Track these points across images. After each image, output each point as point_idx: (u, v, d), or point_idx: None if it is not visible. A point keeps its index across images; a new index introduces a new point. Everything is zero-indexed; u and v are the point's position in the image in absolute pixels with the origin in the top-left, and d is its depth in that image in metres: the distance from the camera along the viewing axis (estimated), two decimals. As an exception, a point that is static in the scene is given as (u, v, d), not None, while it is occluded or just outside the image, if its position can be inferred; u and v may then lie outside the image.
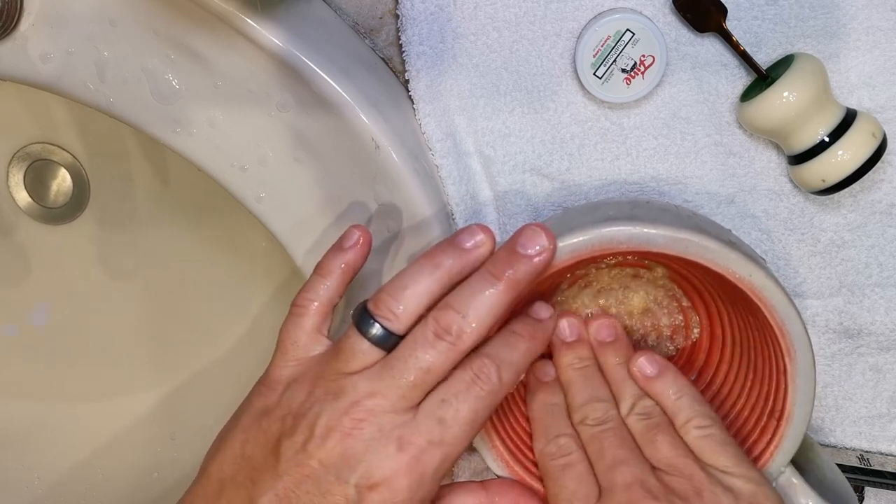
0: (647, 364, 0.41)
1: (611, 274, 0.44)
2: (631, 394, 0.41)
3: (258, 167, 0.44)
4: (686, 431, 0.40)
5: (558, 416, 0.42)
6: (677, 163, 0.45)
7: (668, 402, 0.40)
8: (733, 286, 0.38)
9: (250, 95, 0.42)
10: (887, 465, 0.49)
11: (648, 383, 0.41)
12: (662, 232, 0.37)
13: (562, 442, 0.40)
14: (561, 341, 0.43)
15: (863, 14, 0.42)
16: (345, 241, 0.39)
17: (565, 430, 0.41)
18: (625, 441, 0.40)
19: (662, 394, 0.41)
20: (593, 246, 0.38)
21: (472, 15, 0.43)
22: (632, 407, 0.41)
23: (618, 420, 0.41)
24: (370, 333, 0.35)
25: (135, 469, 0.64)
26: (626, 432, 0.40)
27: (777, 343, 0.39)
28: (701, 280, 0.42)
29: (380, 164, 0.42)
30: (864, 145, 0.40)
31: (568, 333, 0.43)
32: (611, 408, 0.41)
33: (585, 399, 0.41)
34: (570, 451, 0.40)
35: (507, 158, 0.45)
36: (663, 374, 0.41)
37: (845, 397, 0.49)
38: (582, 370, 0.42)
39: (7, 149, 0.61)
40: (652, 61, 0.42)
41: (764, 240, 0.46)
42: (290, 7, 0.42)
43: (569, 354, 0.43)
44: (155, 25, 0.41)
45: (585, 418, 0.41)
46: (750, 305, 0.39)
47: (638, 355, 0.42)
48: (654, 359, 0.41)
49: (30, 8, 0.42)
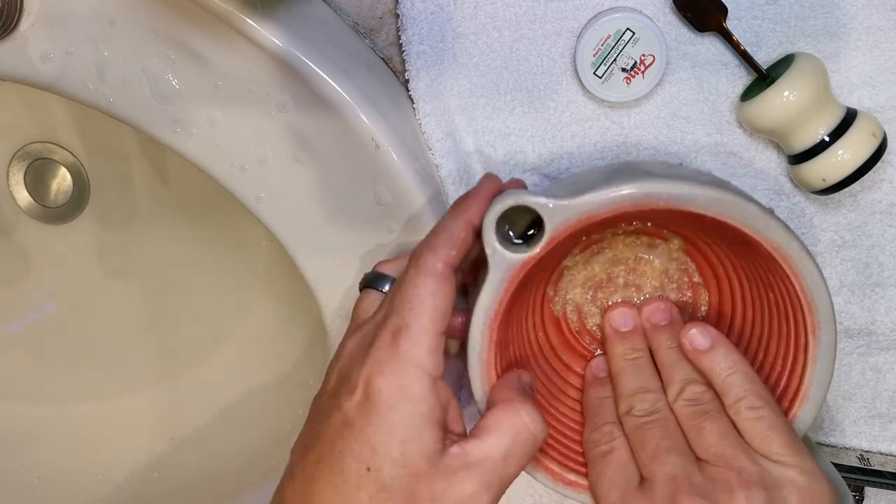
0: (699, 335, 0.40)
1: (625, 242, 0.43)
2: (681, 378, 0.40)
3: (258, 167, 0.44)
4: (736, 412, 0.38)
5: (606, 406, 0.41)
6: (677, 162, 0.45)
7: (719, 378, 0.39)
8: (761, 256, 0.37)
9: (250, 95, 0.42)
10: (887, 465, 0.49)
11: (699, 357, 0.39)
12: (704, 191, 0.36)
13: (605, 430, 0.40)
14: (614, 331, 0.43)
15: (863, 14, 0.42)
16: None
17: (610, 418, 0.40)
18: (669, 432, 0.38)
19: (714, 369, 0.39)
20: (632, 201, 0.36)
21: (473, 14, 0.43)
22: (680, 391, 0.39)
23: (665, 411, 0.39)
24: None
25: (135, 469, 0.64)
26: (672, 423, 0.39)
27: (802, 319, 0.38)
28: (718, 253, 0.41)
29: (380, 164, 0.42)
30: (865, 145, 0.40)
31: (622, 323, 0.43)
32: (659, 399, 0.40)
33: (633, 389, 0.40)
34: (613, 439, 0.39)
35: (508, 158, 0.45)
36: (715, 347, 0.39)
37: (845, 397, 0.49)
38: (633, 361, 0.42)
39: (7, 148, 0.61)
40: (652, 60, 0.42)
41: (764, 239, 0.46)
42: (290, 7, 0.42)
43: (622, 344, 0.42)
44: (155, 25, 0.41)
45: (632, 409, 0.40)
46: (775, 278, 0.38)
47: (690, 326, 0.40)
48: (706, 330, 0.40)
49: (30, 8, 0.42)
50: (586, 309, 0.44)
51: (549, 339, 0.44)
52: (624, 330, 0.43)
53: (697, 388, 0.39)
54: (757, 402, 0.37)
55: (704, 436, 0.37)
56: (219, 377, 0.64)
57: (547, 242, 0.37)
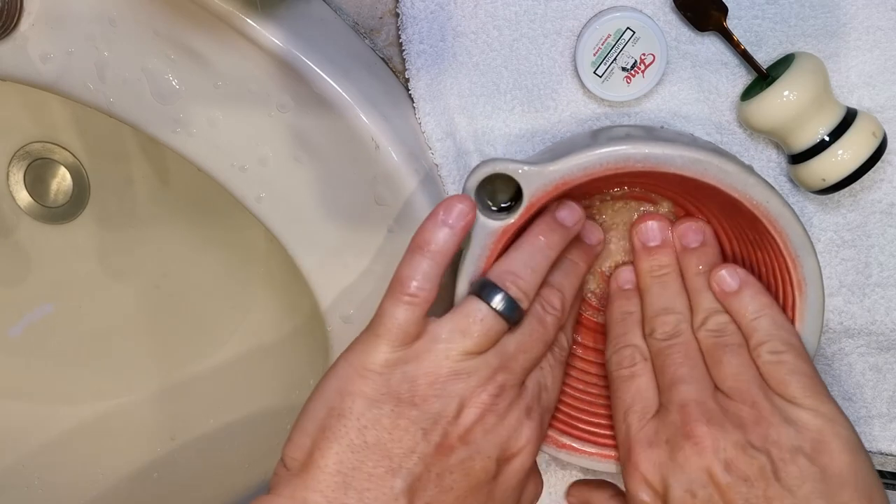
0: (728, 276, 0.39)
1: (615, 207, 0.43)
2: (706, 307, 0.39)
3: (258, 167, 0.44)
4: (758, 354, 0.37)
5: (630, 324, 0.41)
6: (677, 162, 0.45)
7: (745, 321, 0.38)
8: (745, 215, 0.37)
9: (250, 95, 0.42)
10: (887, 465, 0.49)
11: (727, 298, 0.39)
12: (680, 152, 0.36)
13: (626, 353, 0.40)
14: (643, 245, 0.41)
15: (863, 13, 0.42)
16: (448, 215, 0.37)
17: (633, 340, 0.40)
18: (690, 358, 0.38)
19: (740, 311, 0.38)
20: (608, 163, 0.36)
21: (473, 13, 0.43)
22: (704, 321, 0.39)
23: (688, 335, 0.39)
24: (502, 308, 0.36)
25: (135, 469, 0.64)
26: (693, 349, 0.38)
27: (788, 276, 0.38)
28: (707, 215, 0.42)
29: (380, 164, 0.42)
30: (865, 145, 0.40)
31: (651, 237, 0.41)
32: (683, 321, 0.39)
33: (658, 310, 0.40)
34: (634, 363, 0.39)
35: (507, 156, 0.45)
36: (744, 289, 0.39)
37: (845, 397, 0.49)
38: (660, 278, 0.41)
39: (7, 148, 0.61)
40: (652, 60, 0.42)
41: (764, 239, 0.46)
42: (290, 7, 0.42)
43: (650, 260, 0.41)
44: (155, 25, 0.41)
45: (654, 331, 0.39)
46: (761, 237, 0.38)
47: (720, 267, 0.39)
48: (735, 272, 0.39)
49: (30, 8, 0.42)
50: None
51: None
52: (652, 244, 0.41)
53: (722, 319, 0.39)
54: (780, 347, 0.37)
55: (723, 368, 0.37)
56: (219, 377, 0.64)
57: (526, 208, 0.37)
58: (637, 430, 0.37)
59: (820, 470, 0.34)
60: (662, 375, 0.38)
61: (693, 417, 0.36)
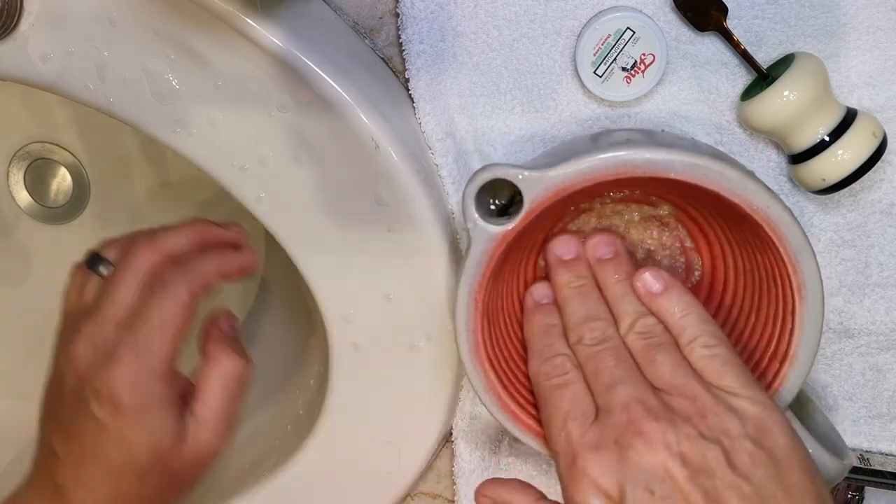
0: (653, 279, 0.40)
1: (614, 209, 0.43)
2: (631, 311, 0.39)
3: (258, 167, 0.44)
4: (690, 350, 0.38)
5: (554, 336, 0.40)
6: (677, 162, 0.45)
7: (673, 320, 0.39)
8: (746, 220, 0.37)
9: (250, 95, 0.42)
10: (887, 465, 0.49)
11: (653, 300, 0.39)
12: (681, 157, 0.36)
13: (557, 361, 0.39)
14: (558, 259, 0.42)
15: (863, 13, 0.42)
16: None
17: (561, 350, 0.40)
18: (623, 360, 0.38)
19: (667, 311, 0.39)
20: (608, 168, 0.36)
21: (473, 13, 0.43)
22: (631, 325, 0.39)
23: (616, 339, 0.39)
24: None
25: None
26: (624, 352, 0.38)
27: (788, 281, 0.38)
28: (707, 218, 0.42)
29: (380, 164, 0.42)
30: (865, 145, 0.40)
31: (564, 251, 0.42)
32: (609, 327, 0.39)
33: (582, 318, 0.40)
34: (566, 371, 0.39)
35: (508, 157, 0.45)
36: (669, 290, 0.39)
37: (845, 397, 0.49)
38: (579, 288, 0.41)
39: (7, 148, 0.62)
40: (652, 60, 0.42)
41: (764, 239, 0.46)
42: (290, 7, 0.42)
43: (566, 273, 0.41)
44: (155, 25, 0.41)
45: (582, 338, 0.39)
46: (761, 241, 0.38)
47: (642, 270, 0.40)
48: (659, 274, 0.40)
49: (30, 8, 0.42)
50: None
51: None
52: (567, 258, 0.42)
53: (649, 321, 0.39)
54: (711, 341, 0.38)
55: (657, 367, 0.37)
56: (219, 377, 0.64)
57: (526, 214, 0.37)
58: (580, 436, 0.36)
59: (767, 454, 0.35)
60: (597, 380, 0.38)
61: (640, 415, 0.35)
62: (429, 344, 0.46)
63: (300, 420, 0.54)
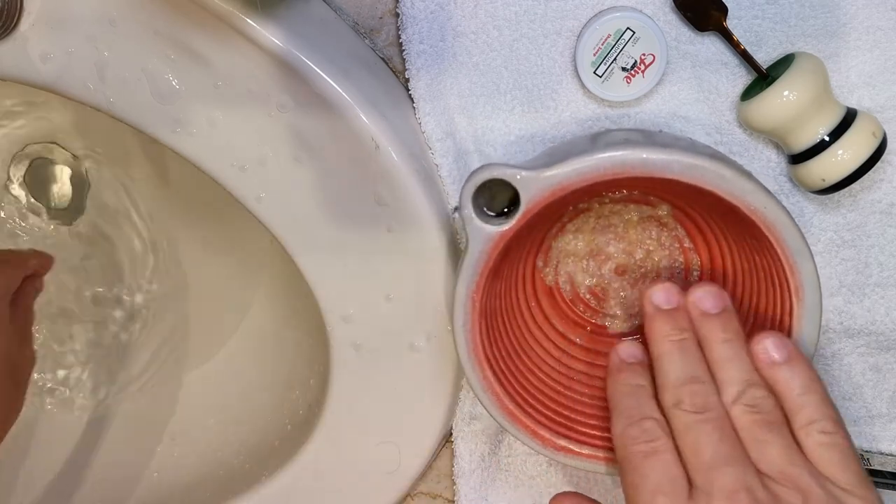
0: (776, 348, 0.35)
1: (613, 209, 0.43)
2: (740, 379, 0.35)
3: (258, 167, 0.44)
4: (807, 434, 0.34)
5: (644, 397, 0.36)
6: (677, 162, 0.45)
7: (791, 397, 0.34)
8: (744, 220, 0.37)
9: (250, 95, 0.42)
10: (887, 465, 0.49)
11: (773, 369, 0.35)
12: (678, 157, 0.36)
13: (647, 426, 0.35)
14: (656, 308, 0.37)
15: (863, 13, 0.42)
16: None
17: (652, 413, 0.35)
18: (728, 436, 0.34)
19: (786, 385, 0.35)
20: (605, 168, 0.36)
21: (473, 13, 0.43)
22: (739, 395, 0.35)
23: (721, 410, 0.35)
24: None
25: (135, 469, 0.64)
26: (729, 427, 0.34)
27: (785, 281, 0.37)
28: (705, 218, 0.41)
29: (380, 164, 0.42)
30: (865, 145, 0.40)
31: (664, 300, 0.37)
32: (712, 393, 0.35)
33: (683, 379, 0.35)
34: (657, 437, 0.34)
35: (507, 157, 0.45)
36: (793, 361, 0.35)
37: (845, 397, 0.49)
38: (680, 343, 0.36)
39: (7, 148, 0.61)
40: (652, 60, 0.42)
41: (764, 239, 0.46)
42: (290, 7, 0.42)
43: (666, 324, 0.37)
44: (155, 25, 0.41)
45: (681, 402, 0.35)
46: (759, 243, 0.38)
47: (765, 335, 0.36)
48: (783, 342, 0.35)
49: (30, 8, 0.42)
50: (579, 278, 0.44)
51: (542, 309, 0.44)
52: (667, 307, 0.37)
53: (759, 393, 0.35)
54: (832, 427, 0.34)
55: (767, 448, 0.34)
56: (219, 377, 0.64)
57: (523, 214, 0.37)
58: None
59: None
60: (696, 455, 0.34)
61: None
62: (429, 344, 0.46)
63: (300, 420, 0.54)
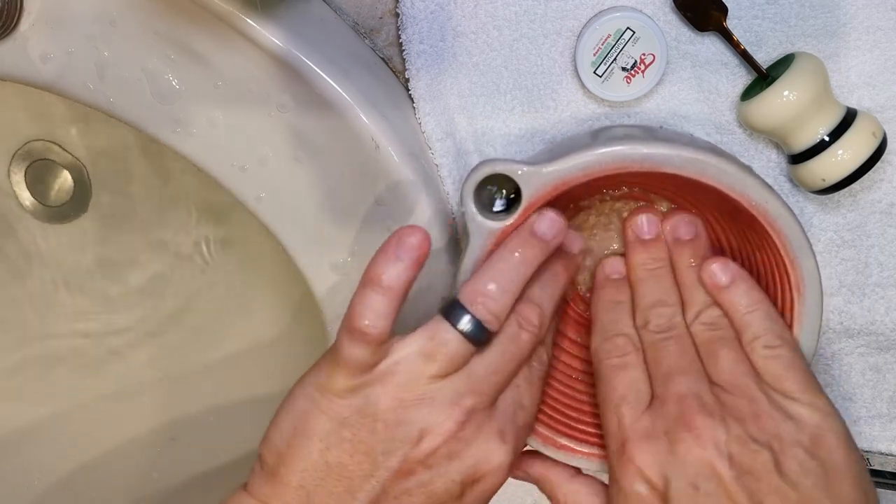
0: (720, 271, 0.39)
1: (613, 206, 0.43)
2: (700, 300, 0.39)
3: (258, 167, 0.44)
4: (752, 349, 0.37)
5: (621, 313, 0.40)
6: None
7: (738, 315, 0.38)
8: (745, 216, 0.37)
9: (250, 95, 0.42)
10: (887, 465, 0.49)
11: (719, 292, 0.39)
12: (678, 152, 0.36)
13: (619, 342, 0.39)
14: (637, 238, 0.41)
15: (863, 13, 0.42)
16: (401, 249, 0.36)
17: (625, 329, 0.39)
18: (686, 351, 0.38)
19: (733, 305, 0.38)
20: (606, 163, 0.36)
21: (473, 13, 0.43)
22: (698, 314, 0.39)
23: (682, 329, 0.38)
24: (468, 331, 0.35)
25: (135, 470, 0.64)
26: (688, 342, 0.38)
27: (786, 277, 0.38)
28: (707, 215, 0.42)
29: (380, 164, 0.42)
30: (864, 145, 0.40)
31: (646, 230, 0.41)
32: (677, 314, 0.39)
33: (652, 302, 0.39)
34: (627, 353, 0.38)
35: (507, 157, 0.45)
36: (736, 283, 0.38)
37: (845, 397, 0.49)
38: (654, 271, 0.40)
39: (7, 148, 0.62)
40: (652, 60, 0.42)
41: (764, 239, 0.46)
42: (290, 7, 0.42)
43: (643, 254, 0.41)
44: (155, 25, 0.41)
45: (648, 322, 0.39)
46: (760, 238, 0.38)
47: (711, 261, 0.39)
48: (727, 266, 0.39)
49: (30, 8, 0.42)
50: (579, 276, 0.44)
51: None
52: (646, 238, 0.41)
53: (715, 313, 0.38)
54: (775, 342, 0.37)
55: (719, 361, 0.37)
56: (219, 377, 0.64)
57: (524, 209, 0.37)
58: (632, 422, 0.36)
59: (820, 464, 0.34)
60: (657, 367, 0.37)
61: (693, 409, 0.35)
62: (429, 344, 0.46)
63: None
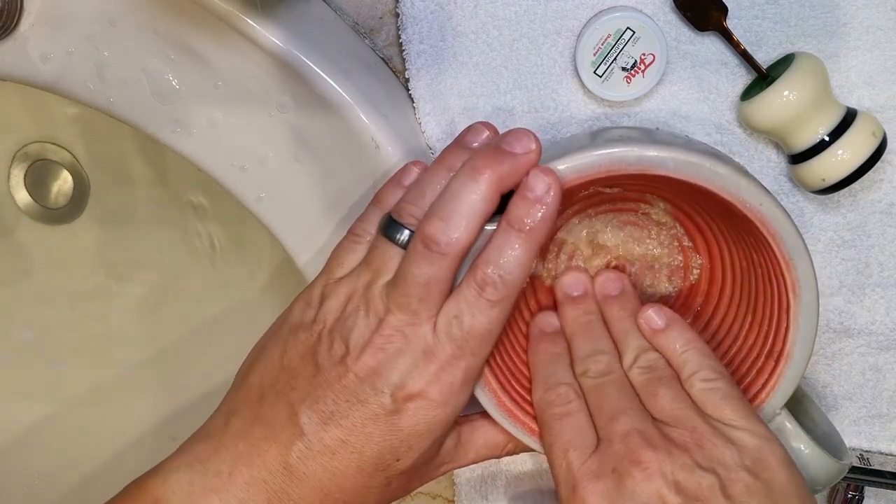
0: (655, 316, 0.41)
1: (611, 207, 0.43)
2: (634, 346, 0.41)
3: (258, 167, 0.44)
4: (691, 385, 0.39)
5: (559, 364, 0.41)
6: (677, 162, 0.45)
7: (675, 356, 0.40)
8: (740, 217, 0.37)
9: (250, 95, 0.42)
10: (887, 465, 0.49)
11: (655, 336, 0.41)
12: (673, 154, 0.36)
13: (561, 391, 0.40)
14: (566, 295, 0.43)
15: (863, 13, 0.42)
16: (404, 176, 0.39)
17: (565, 378, 0.40)
18: (625, 393, 0.39)
19: (669, 347, 0.40)
20: (600, 166, 0.36)
21: (473, 13, 0.43)
22: (634, 360, 0.40)
23: (620, 373, 0.40)
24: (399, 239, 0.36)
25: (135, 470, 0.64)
26: (627, 384, 0.39)
27: (782, 279, 0.38)
28: (704, 216, 0.42)
29: (380, 164, 0.42)
30: (864, 145, 0.40)
31: (574, 288, 0.43)
32: (613, 361, 0.41)
33: (588, 351, 0.41)
34: (570, 401, 0.39)
35: (508, 158, 0.45)
36: (671, 326, 0.41)
37: (845, 397, 0.49)
38: (587, 323, 0.42)
39: (7, 148, 0.62)
40: (652, 60, 0.42)
41: (764, 239, 0.46)
42: (290, 7, 0.42)
43: (574, 309, 0.43)
44: (155, 25, 0.41)
45: (587, 370, 0.40)
46: (756, 239, 0.38)
47: (647, 307, 0.41)
48: (662, 311, 0.41)
49: (30, 8, 0.42)
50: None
51: (540, 308, 0.44)
52: (575, 294, 0.43)
53: (651, 356, 0.40)
54: (710, 375, 0.39)
55: (658, 400, 0.38)
56: (219, 377, 0.64)
57: None
58: (580, 465, 0.37)
59: (764, 485, 0.35)
60: (600, 410, 0.39)
61: (638, 444, 0.36)
62: (429, 344, 0.46)
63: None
